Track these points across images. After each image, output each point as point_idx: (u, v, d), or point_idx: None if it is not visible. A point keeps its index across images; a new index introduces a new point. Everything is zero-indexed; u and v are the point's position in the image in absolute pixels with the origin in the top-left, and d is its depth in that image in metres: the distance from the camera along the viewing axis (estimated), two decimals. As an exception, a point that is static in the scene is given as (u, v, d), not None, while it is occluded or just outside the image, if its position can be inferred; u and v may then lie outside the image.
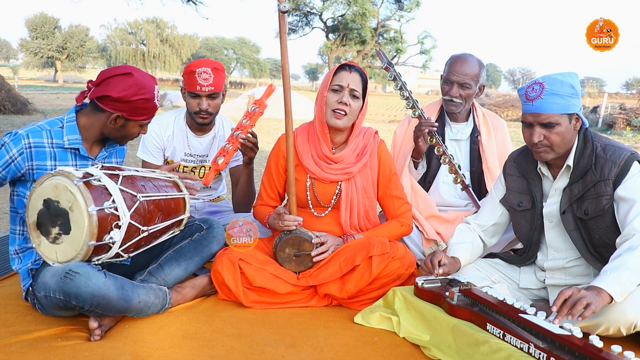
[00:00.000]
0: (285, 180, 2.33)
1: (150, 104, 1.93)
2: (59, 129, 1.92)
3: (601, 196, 1.86)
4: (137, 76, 1.88)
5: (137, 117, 1.93)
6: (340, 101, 2.13)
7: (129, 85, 1.86)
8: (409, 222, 2.38)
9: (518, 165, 2.12)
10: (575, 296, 1.58)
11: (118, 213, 1.76)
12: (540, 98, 1.84)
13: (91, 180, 1.74)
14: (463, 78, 2.59)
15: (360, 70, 2.20)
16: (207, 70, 2.43)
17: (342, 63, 2.22)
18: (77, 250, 1.72)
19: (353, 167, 2.25)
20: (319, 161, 2.25)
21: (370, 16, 23.86)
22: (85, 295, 1.70)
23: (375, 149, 2.31)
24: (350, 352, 1.79)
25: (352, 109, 2.15)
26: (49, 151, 1.89)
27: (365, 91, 2.20)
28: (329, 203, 2.29)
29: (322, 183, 2.27)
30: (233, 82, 52.17)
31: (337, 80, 2.15)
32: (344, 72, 2.16)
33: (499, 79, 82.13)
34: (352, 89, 2.14)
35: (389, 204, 2.36)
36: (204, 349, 1.76)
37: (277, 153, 2.32)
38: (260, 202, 2.40)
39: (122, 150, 2.19)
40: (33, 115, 12.97)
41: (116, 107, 1.88)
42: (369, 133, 2.32)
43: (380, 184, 2.34)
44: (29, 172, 1.86)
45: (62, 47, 41.26)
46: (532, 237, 2.09)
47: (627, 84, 64.38)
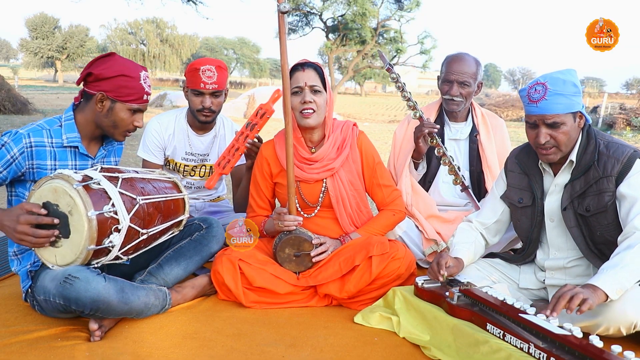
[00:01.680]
0: (273, 187, 2.35)
1: (135, 84, 1.89)
2: (58, 127, 1.92)
3: (603, 193, 1.86)
4: (119, 57, 1.92)
5: (122, 97, 1.88)
6: (304, 101, 2.14)
7: (111, 63, 1.88)
8: (401, 209, 2.38)
9: (519, 162, 2.12)
10: (572, 292, 1.59)
11: (117, 217, 1.75)
12: (545, 99, 1.83)
13: (90, 184, 1.73)
14: (462, 77, 2.60)
15: (314, 65, 2.20)
16: (211, 68, 2.44)
17: (294, 64, 2.23)
18: (77, 255, 1.72)
19: (334, 163, 2.24)
20: (300, 164, 2.25)
21: (370, 16, 23.82)
22: (85, 300, 1.70)
23: (355, 141, 2.30)
24: (350, 352, 1.79)
25: (319, 105, 2.16)
26: (49, 150, 1.89)
27: (324, 83, 2.20)
28: (316, 202, 2.29)
29: (307, 184, 2.27)
30: (233, 82, 52.11)
31: (294, 83, 2.16)
32: (297, 72, 2.17)
33: (499, 79, 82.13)
34: (310, 85, 2.15)
35: (377, 193, 2.35)
36: (204, 349, 1.76)
37: (260, 161, 2.33)
38: (251, 214, 2.40)
39: (119, 149, 2.19)
40: (33, 115, 12.97)
41: (99, 86, 1.87)
42: (347, 126, 2.32)
43: (365, 175, 2.34)
44: (29, 171, 1.86)
45: (62, 47, 41.24)
46: (531, 234, 2.09)
47: (627, 84, 64.38)
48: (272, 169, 2.31)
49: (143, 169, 2.12)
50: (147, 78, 1.96)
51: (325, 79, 2.21)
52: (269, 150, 2.32)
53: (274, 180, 2.33)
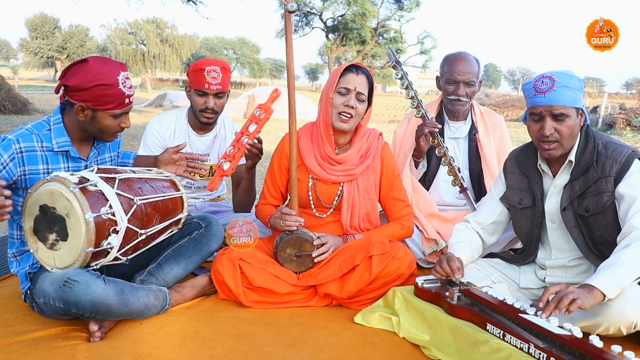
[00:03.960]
0: (287, 179, 2.33)
1: (113, 91, 1.81)
2: (47, 132, 1.87)
3: (602, 193, 1.87)
4: (93, 63, 1.80)
5: (102, 106, 1.81)
6: (347, 104, 2.11)
7: (85, 72, 1.78)
8: (410, 225, 2.37)
9: (519, 163, 2.12)
10: (562, 292, 1.60)
11: (115, 218, 1.74)
12: (553, 90, 1.85)
13: (87, 186, 1.72)
14: (468, 76, 2.60)
15: (367, 72, 2.17)
16: (215, 69, 2.44)
17: (349, 64, 2.20)
18: (75, 257, 1.71)
19: (356, 169, 2.24)
20: (322, 162, 2.24)
21: (370, 16, 23.86)
22: (85, 303, 1.70)
23: (379, 152, 2.30)
24: (350, 352, 1.79)
25: (358, 112, 2.14)
26: (41, 155, 1.84)
27: (371, 93, 2.19)
28: (331, 204, 2.29)
29: (325, 184, 2.27)
30: (233, 82, 52.03)
31: (343, 83, 2.13)
32: (350, 74, 2.14)
33: (498, 79, 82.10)
34: (359, 92, 2.12)
35: (390, 206, 2.36)
36: (204, 349, 1.76)
37: (281, 153, 2.32)
38: (263, 201, 2.40)
39: (114, 143, 2.14)
40: (33, 115, 12.96)
41: (78, 97, 1.80)
42: (374, 135, 2.31)
43: (382, 187, 2.33)
44: (22, 178, 1.81)
45: (62, 47, 41.26)
46: (532, 235, 2.09)
47: (627, 84, 64.38)
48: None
49: (140, 168, 2.09)
50: (126, 79, 1.86)
51: (372, 90, 2.19)
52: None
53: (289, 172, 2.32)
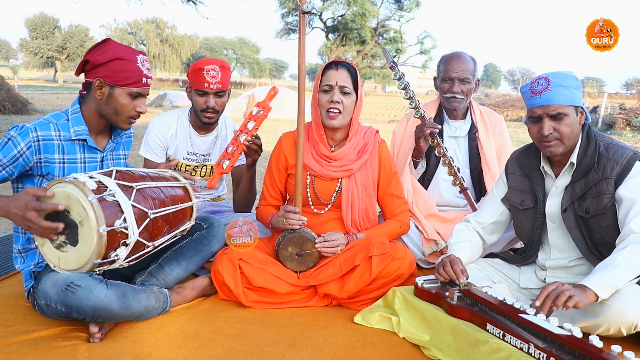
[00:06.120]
0: (286, 178, 2.34)
1: (131, 67, 1.87)
2: (65, 121, 1.90)
3: (602, 195, 1.87)
4: (114, 43, 1.91)
5: (120, 81, 1.86)
6: (332, 100, 2.13)
7: (105, 48, 1.87)
8: (407, 222, 2.40)
9: (520, 164, 2.12)
10: (558, 289, 1.60)
11: (127, 232, 1.73)
12: (548, 90, 1.86)
13: (105, 196, 1.70)
14: (463, 74, 2.62)
15: (348, 65, 2.20)
16: (215, 68, 2.45)
17: (329, 62, 2.23)
18: (81, 265, 1.71)
19: (353, 164, 2.25)
20: (319, 159, 2.25)
21: (370, 16, 23.87)
22: (86, 308, 1.70)
23: (376, 148, 2.31)
24: (350, 352, 1.79)
25: (346, 106, 2.16)
26: (57, 144, 1.87)
27: (356, 85, 2.19)
28: (329, 200, 2.29)
29: (323, 180, 2.27)
30: (233, 82, 51.98)
31: (325, 80, 2.16)
32: (330, 70, 2.17)
33: (498, 79, 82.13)
34: (341, 86, 2.14)
35: (388, 203, 2.37)
36: (204, 349, 1.76)
37: (278, 152, 2.33)
38: (263, 202, 2.41)
39: (128, 142, 2.18)
40: (33, 115, 12.96)
41: (97, 72, 1.86)
42: (370, 132, 2.33)
43: (380, 183, 2.34)
44: (37, 165, 1.84)
45: (62, 47, 41.22)
46: (533, 236, 2.09)
47: (627, 84, 64.37)
48: (289, 161, 2.30)
49: (156, 171, 2.06)
50: (145, 62, 1.93)
51: (357, 81, 2.20)
52: (289, 141, 2.32)
53: (288, 172, 2.33)
